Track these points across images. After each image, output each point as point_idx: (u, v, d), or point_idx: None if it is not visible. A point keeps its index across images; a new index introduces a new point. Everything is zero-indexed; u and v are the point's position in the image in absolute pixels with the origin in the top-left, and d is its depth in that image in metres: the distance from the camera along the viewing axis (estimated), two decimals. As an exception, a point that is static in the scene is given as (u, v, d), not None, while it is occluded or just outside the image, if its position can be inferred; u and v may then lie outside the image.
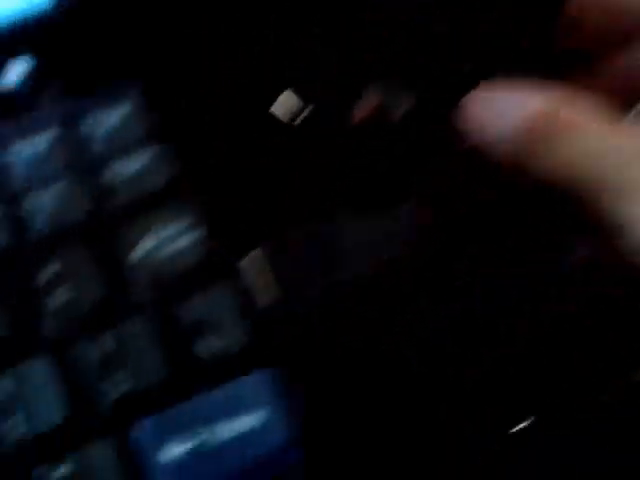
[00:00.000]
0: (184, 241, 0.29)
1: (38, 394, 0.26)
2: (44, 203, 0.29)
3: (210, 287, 0.28)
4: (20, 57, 0.31)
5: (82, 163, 0.30)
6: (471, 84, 0.31)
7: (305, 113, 0.34)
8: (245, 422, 0.26)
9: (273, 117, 0.34)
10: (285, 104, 0.34)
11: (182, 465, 0.26)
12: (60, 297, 0.28)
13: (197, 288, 0.28)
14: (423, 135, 0.33)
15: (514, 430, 0.31)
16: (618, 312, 0.32)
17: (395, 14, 0.32)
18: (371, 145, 0.33)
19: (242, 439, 0.26)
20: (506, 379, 0.32)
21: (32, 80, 0.31)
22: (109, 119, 0.31)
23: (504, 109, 0.32)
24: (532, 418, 0.31)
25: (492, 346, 0.32)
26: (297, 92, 0.34)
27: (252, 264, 0.28)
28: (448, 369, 0.31)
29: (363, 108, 0.32)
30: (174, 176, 0.30)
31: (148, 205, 0.29)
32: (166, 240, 0.29)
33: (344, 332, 0.29)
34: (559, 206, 0.31)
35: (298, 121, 0.34)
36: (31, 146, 0.30)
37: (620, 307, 0.32)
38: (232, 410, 0.26)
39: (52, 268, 0.28)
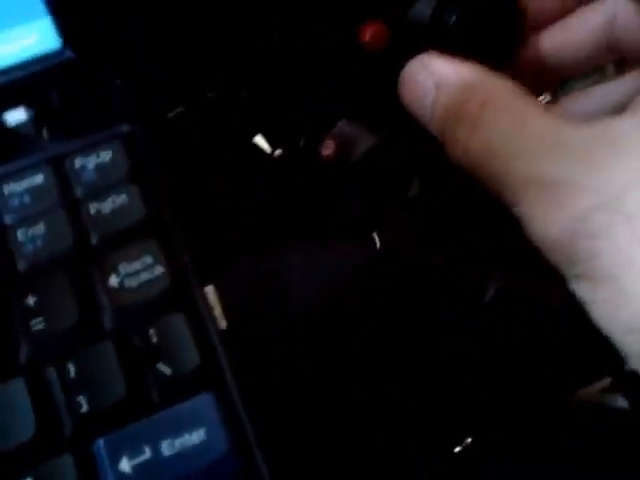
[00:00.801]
0: (148, 275, 0.32)
1: (6, 414, 0.30)
2: (31, 238, 0.33)
3: (169, 316, 0.31)
4: (18, 107, 0.35)
5: (67, 201, 0.34)
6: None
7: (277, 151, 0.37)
8: (190, 439, 0.29)
9: (255, 148, 0.37)
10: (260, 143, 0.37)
11: (135, 478, 0.29)
12: (38, 324, 0.31)
13: (158, 317, 0.31)
14: (382, 171, 0.35)
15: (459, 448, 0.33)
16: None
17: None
18: (334, 179, 0.35)
19: (186, 454, 0.29)
20: (456, 400, 0.34)
21: (28, 126, 0.35)
22: (93, 162, 0.34)
23: (425, 80, 0.28)
24: (473, 438, 0.33)
25: (438, 367, 0.34)
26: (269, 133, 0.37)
27: (207, 296, 0.31)
28: (395, 391, 0.33)
29: (328, 146, 0.35)
30: (144, 216, 0.33)
31: (121, 241, 0.33)
32: (133, 273, 0.32)
33: (290, 361, 0.32)
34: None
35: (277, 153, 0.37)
36: (23, 185, 0.34)
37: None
38: (179, 428, 0.29)
39: (34, 297, 0.32)
